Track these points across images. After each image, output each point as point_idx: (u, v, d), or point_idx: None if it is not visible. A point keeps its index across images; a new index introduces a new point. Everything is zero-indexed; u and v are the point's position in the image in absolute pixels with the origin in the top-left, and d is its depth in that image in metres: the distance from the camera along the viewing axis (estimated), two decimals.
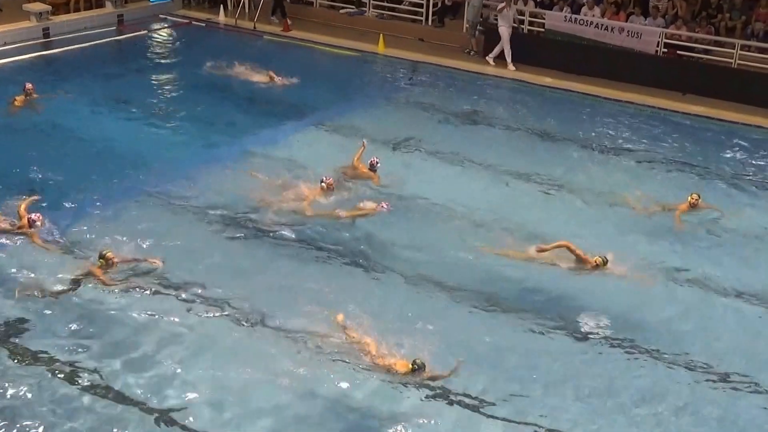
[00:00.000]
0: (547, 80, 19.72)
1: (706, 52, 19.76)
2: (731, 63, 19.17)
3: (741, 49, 19.05)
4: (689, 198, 13.40)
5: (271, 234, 12.21)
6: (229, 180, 13.81)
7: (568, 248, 11.63)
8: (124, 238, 11.55)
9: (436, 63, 20.78)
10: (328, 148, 15.50)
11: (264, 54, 21.12)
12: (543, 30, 20.98)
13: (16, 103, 16.03)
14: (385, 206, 12.76)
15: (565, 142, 16.38)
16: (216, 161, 14.58)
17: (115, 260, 10.78)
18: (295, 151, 15.12)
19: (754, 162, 15.83)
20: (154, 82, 18.80)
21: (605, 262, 11.51)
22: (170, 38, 22.32)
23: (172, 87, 18.66)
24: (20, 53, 19.56)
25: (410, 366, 9.25)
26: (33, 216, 11.39)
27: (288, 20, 22.70)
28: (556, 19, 20.53)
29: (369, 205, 12.99)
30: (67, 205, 12.54)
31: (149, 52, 21.08)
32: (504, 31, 20.32)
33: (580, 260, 11.56)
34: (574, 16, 20.31)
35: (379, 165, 13.96)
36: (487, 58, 20.64)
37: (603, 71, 19.70)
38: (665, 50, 19.78)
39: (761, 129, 17.36)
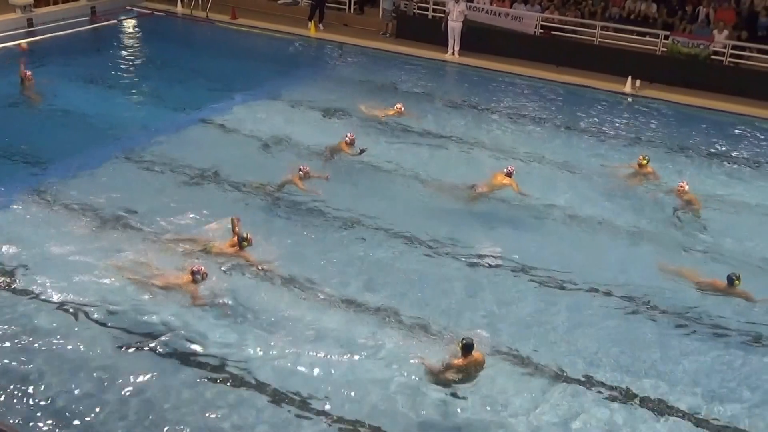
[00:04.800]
0: (447, 57, 23.79)
1: (574, 32, 23.93)
2: (594, 40, 23.39)
3: (601, 30, 23.19)
4: (639, 159, 14.99)
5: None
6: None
7: None
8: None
9: (358, 44, 24.60)
10: (276, 117, 18.09)
11: (215, 38, 24.89)
12: (444, 15, 24.46)
13: (26, 83, 18.10)
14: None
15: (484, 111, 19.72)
16: (186, 125, 17.49)
17: (251, 240, 11.66)
18: (246, 119, 17.72)
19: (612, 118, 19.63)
20: (124, 63, 21.83)
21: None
22: (136, 26, 25.76)
23: (139, 67, 21.64)
24: (7, 41, 22.49)
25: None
26: (195, 268, 10.86)
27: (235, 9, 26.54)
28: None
29: (503, 180, 13.91)
30: (63, 171, 14.67)
31: (119, 38, 24.46)
32: (455, 25, 23.26)
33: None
34: (470, 3, 24.06)
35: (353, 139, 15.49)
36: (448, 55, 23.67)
37: (493, 49, 23.64)
38: (542, 31, 23.81)
39: (618, 94, 21.30)
